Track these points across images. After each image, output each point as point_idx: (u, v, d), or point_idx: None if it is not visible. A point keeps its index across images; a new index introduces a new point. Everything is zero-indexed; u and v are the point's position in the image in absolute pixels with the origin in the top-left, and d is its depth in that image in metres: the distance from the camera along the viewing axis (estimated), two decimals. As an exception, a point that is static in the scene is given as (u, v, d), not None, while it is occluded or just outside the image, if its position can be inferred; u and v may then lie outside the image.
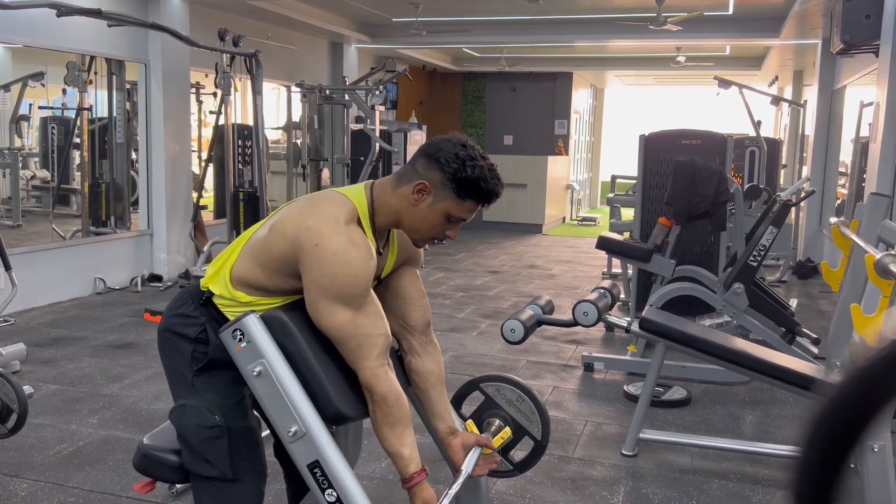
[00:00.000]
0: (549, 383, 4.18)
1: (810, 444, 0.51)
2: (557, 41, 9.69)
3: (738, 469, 3.11)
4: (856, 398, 0.50)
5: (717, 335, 3.16)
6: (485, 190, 1.64)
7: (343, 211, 1.63)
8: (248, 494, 1.70)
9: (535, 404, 1.99)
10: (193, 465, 1.70)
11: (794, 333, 4.16)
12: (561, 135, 12.94)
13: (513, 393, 2.00)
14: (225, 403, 1.67)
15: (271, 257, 1.63)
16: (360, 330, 1.59)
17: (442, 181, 1.63)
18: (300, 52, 8.71)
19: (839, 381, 0.50)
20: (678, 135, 5.29)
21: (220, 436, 1.66)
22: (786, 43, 8.64)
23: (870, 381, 0.49)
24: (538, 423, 1.99)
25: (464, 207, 1.66)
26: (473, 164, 1.62)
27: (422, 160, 1.66)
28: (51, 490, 2.78)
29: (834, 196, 8.03)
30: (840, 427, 0.50)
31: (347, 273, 1.56)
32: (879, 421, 0.49)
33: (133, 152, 6.81)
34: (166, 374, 1.78)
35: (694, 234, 5.03)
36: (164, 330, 1.76)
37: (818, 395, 0.51)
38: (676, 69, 11.20)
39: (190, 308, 1.72)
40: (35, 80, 6.35)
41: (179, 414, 1.71)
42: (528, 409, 1.99)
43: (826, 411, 0.51)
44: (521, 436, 2.01)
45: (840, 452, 0.50)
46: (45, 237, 6.38)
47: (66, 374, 4.10)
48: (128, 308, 5.63)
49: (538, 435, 2.00)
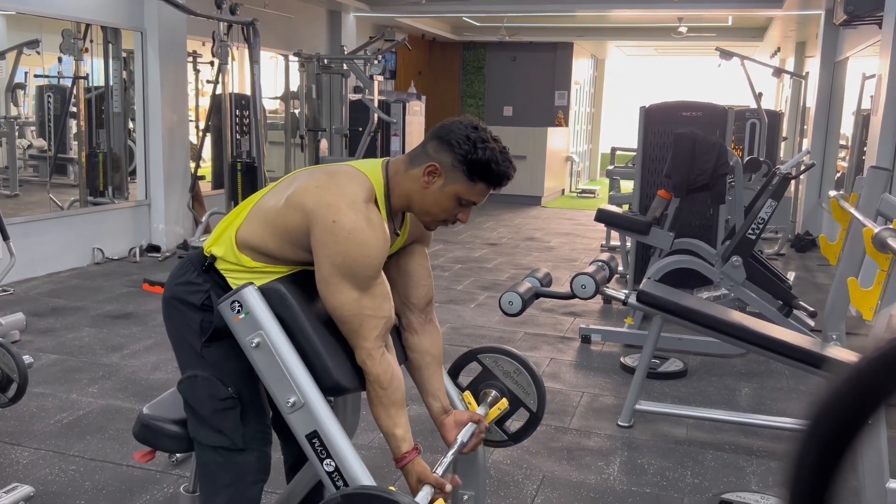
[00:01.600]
0: (546, 355, 4.20)
1: (804, 448, 0.51)
2: (558, 10, 9.60)
3: (733, 440, 3.14)
4: (850, 401, 0.50)
5: (715, 308, 3.17)
6: (496, 172, 1.63)
7: (362, 189, 1.61)
8: (255, 462, 1.72)
9: (532, 377, 2.01)
10: (201, 434, 1.70)
11: (790, 306, 4.18)
12: (561, 106, 12.86)
13: (510, 365, 2.01)
14: (237, 374, 1.67)
15: (286, 227, 1.62)
16: (364, 311, 1.58)
17: (453, 163, 1.62)
18: (298, 21, 8.62)
19: (833, 383, 0.50)
20: (679, 107, 5.27)
21: (232, 407, 1.66)
22: (789, 14, 8.55)
23: (864, 384, 0.49)
24: (534, 396, 2.01)
25: (475, 190, 1.64)
26: (485, 147, 1.61)
27: (433, 142, 1.65)
28: (52, 458, 2.80)
29: (834, 169, 8.01)
30: (833, 430, 0.50)
31: (361, 253, 1.55)
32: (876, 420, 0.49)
33: (130, 122, 6.76)
34: (172, 342, 1.77)
35: (693, 206, 5.02)
36: (170, 298, 1.74)
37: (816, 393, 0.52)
38: (678, 40, 11.10)
39: (193, 275, 1.71)
40: (30, 47, 6.28)
41: (190, 384, 1.70)
42: (525, 382, 2.01)
43: (820, 414, 0.51)
44: (516, 407, 2.02)
45: (835, 455, 0.50)
46: (42, 207, 6.36)
47: (65, 344, 4.11)
48: (126, 278, 5.63)
49: (534, 407, 2.01)
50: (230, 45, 6.54)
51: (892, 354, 0.48)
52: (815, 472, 0.51)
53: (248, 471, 1.71)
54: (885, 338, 0.48)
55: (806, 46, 10.78)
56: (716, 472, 2.87)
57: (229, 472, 1.71)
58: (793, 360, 2.78)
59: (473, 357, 2.05)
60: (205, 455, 1.72)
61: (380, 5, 9.34)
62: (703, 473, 2.85)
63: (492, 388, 2.01)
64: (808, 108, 8.83)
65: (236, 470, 1.70)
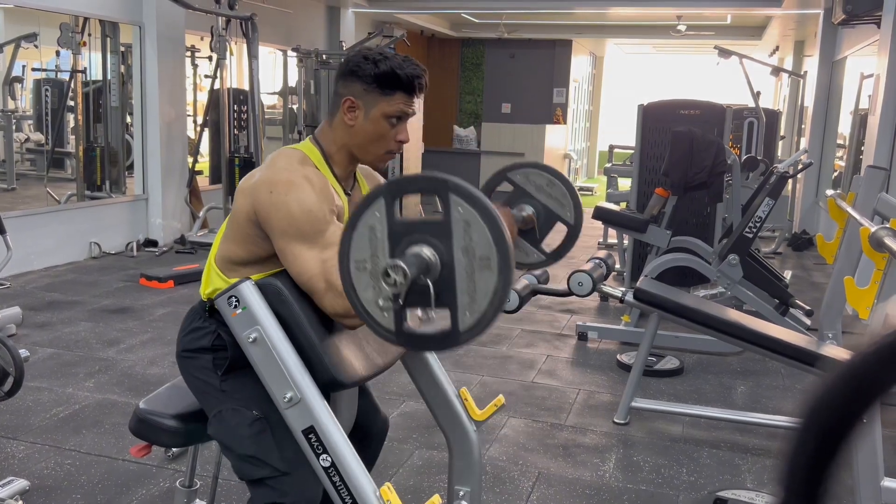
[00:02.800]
0: (543, 352, 4.20)
1: (799, 442, 0.51)
2: (557, 7, 9.59)
3: (728, 438, 3.15)
4: (846, 395, 0.50)
5: (711, 306, 3.18)
6: (405, 75, 1.62)
7: (293, 158, 1.64)
8: (307, 486, 1.63)
9: (567, 187, 1.87)
10: (245, 470, 1.64)
11: (787, 305, 4.19)
12: (559, 103, 12.85)
13: (541, 178, 1.88)
14: (261, 397, 1.62)
15: (239, 224, 1.62)
16: (325, 265, 1.56)
17: (364, 88, 1.63)
18: (297, 16, 8.60)
19: (829, 377, 0.50)
20: (677, 105, 5.27)
21: (262, 430, 1.62)
22: (787, 12, 8.55)
23: (860, 378, 0.49)
24: (570, 207, 1.87)
25: (395, 101, 1.64)
26: (384, 58, 1.62)
27: (340, 81, 1.67)
28: (48, 452, 2.80)
29: (831, 168, 8.02)
30: (829, 425, 0.51)
31: (302, 209, 1.55)
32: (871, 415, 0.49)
33: (128, 116, 6.75)
34: (196, 396, 1.74)
35: (690, 204, 5.03)
36: (180, 353, 1.74)
37: (811, 388, 0.52)
38: (677, 38, 11.10)
39: (199, 321, 1.71)
40: (28, 41, 6.26)
41: (218, 422, 1.66)
42: (560, 194, 1.87)
43: (815, 408, 0.51)
44: (552, 221, 1.89)
45: (829, 450, 0.50)
46: (39, 201, 6.35)
47: (61, 338, 4.11)
48: (123, 273, 5.63)
49: (570, 219, 1.88)
50: (228, 39, 6.54)
51: (888, 350, 0.48)
52: (810, 467, 0.51)
53: (298, 498, 1.62)
54: (881, 333, 0.49)
55: (804, 45, 10.79)
56: (711, 469, 2.87)
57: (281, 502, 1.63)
58: (789, 359, 2.78)
59: (504, 176, 1.91)
60: (255, 494, 1.66)
61: (379, 1, 9.33)
62: (699, 471, 2.86)
63: (526, 205, 1.87)
64: (806, 107, 8.84)
65: (283, 500, 1.62)
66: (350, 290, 1.33)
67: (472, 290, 1.25)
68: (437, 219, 1.26)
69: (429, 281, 1.26)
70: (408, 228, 1.28)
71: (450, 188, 1.25)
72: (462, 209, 1.24)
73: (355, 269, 1.32)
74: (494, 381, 3.73)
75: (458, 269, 1.26)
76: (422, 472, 2.74)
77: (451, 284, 1.26)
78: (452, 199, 1.25)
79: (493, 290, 1.24)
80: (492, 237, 1.23)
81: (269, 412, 1.63)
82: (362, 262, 1.31)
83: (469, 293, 1.26)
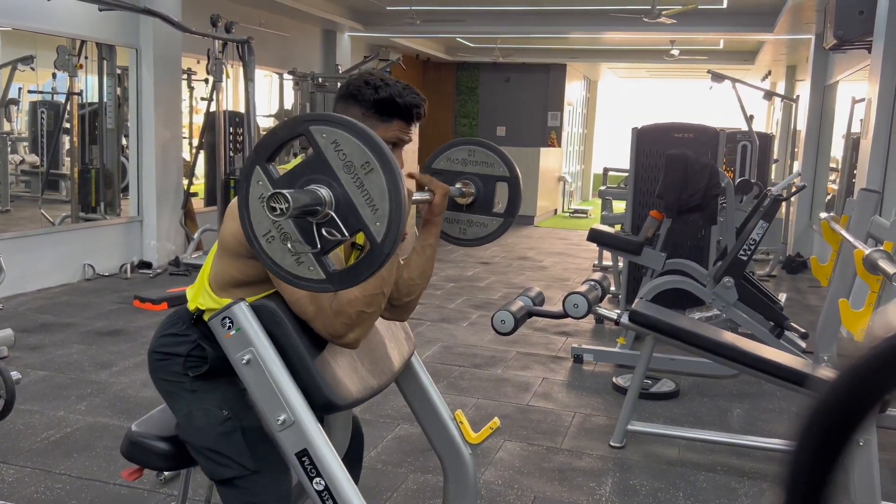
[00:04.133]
0: (538, 374, 4.19)
1: (801, 445, 0.51)
2: (552, 32, 9.68)
3: (725, 461, 3.13)
4: (847, 397, 0.50)
5: (706, 328, 3.17)
6: (403, 104, 1.62)
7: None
8: (276, 485, 1.62)
9: (486, 147, 1.90)
10: (215, 471, 1.63)
11: (782, 327, 4.18)
12: (554, 126, 12.94)
13: (460, 153, 1.91)
14: (231, 399, 1.63)
15: (229, 245, 1.61)
16: None
17: (362, 112, 1.63)
18: (293, 40, 8.66)
19: (830, 381, 0.50)
20: (671, 128, 5.30)
21: (232, 430, 1.62)
22: (779, 38, 8.65)
23: (861, 381, 0.49)
24: (499, 163, 1.89)
25: (392, 128, 1.64)
26: (384, 85, 1.62)
27: (339, 103, 1.67)
28: (38, 476, 2.77)
29: (824, 191, 8.06)
30: (831, 427, 0.50)
31: None
32: (870, 419, 0.49)
33: (123, 138, 6.76)
34: (164, 397, 1.73)
35: (685, 227, 5.04)
36: (152, 352, 1.72)
37: (810, 395, 0.51)
38: (670, 62, 11.21)
39: (181, 327, 1.70)
40: (24, 63, 6.28)
41: (186, 422, 1.66)
42: (483, 157, 1.89)
43: (817, 411, 0.51)
44: (492, 184, 1.90)
45: (831, 452, 0.50)
46: (33, 222, 6.33)
47: (54, 361, 4.08)
48: (117, 295, 5.60)
49: (505, 172, 1.89)
50: (225, 62, 6.57)
51: (888, 353, 0.48)
52: (811, 471, 0.51)
53: (269, 497, 1.62)
54: (880, 337, 0.49)
55: (796, 70, 10.90)
56: (708, 493, 2.85)
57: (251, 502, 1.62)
58: (784, 382, 2.78)
59: (430, 170, 1.94)
60: (226, 496, 1.65)
61: (374, 25, 9.40)
62: (696, 495, 2.84)
63: (459, 182, 1.90)
64: (798, 130, 8.91)
65: (255, 499, 1.61)
66: (272, 265, 1.36)
67: (370, 199, 1.29)
68: (311, 155, 1.32)
69: (330, 212, 1.29)
70: (291, 178, 1.32)
71: (306, 121, 1.32)
72: (325, 133, 1.30)
73: (266, 243, 1.35)
74: (489, 403, 3.71)
75: (349, 188, 1.29)
76: (417, 496, 2.72)
77: (352, 206, 1.29)
78: (314, 130, 1.30)
79: (385, 187, 1.28)
80: (359, 140, 1.28)
81: (240, 411, 1.63)
82: (267, 233, 1.35)
83: (369, 204, 1.29)
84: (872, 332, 0.50)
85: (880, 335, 0.48)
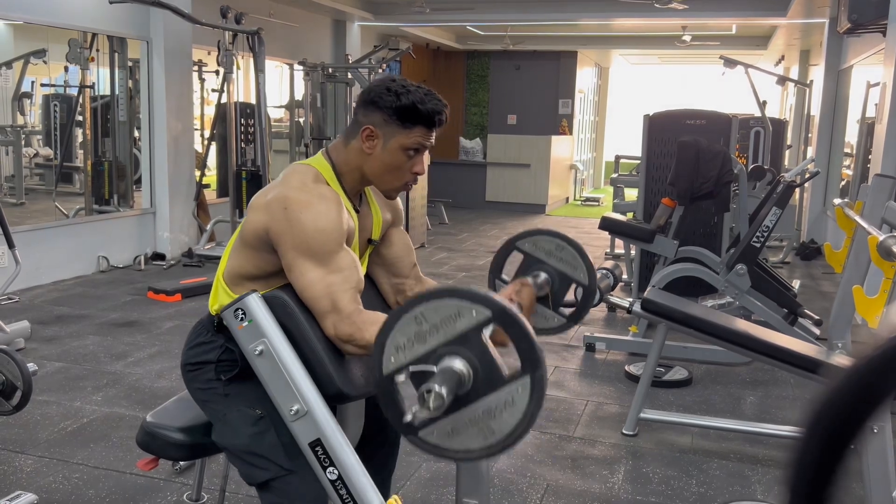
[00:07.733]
0: (550, 363, 4.19)
1: (807, 441, 0.51)
2: (562, 19, 9.62)
3: (738, 449, 3.13)
4: (859, 389, 0.50)
5: (719, 316, 3.16)
6: (425, 111, 1.63)
7: (308, 176, 1.64)
8: (312, 488, 1.60)
9: (576, 249, 1.90)
10: (251, 474, 1.64)
11: (796, 315, 4.16)
12: (565, 114, 12.87)
13: (550, 243, 1.90)
14: (263, 397, 1.62)
15: (252, 237, 1.62)
16: (332, 287, 1.57)
17: (384, 119, 1.63)
18: (303, 30, 8.65)
19: (843, 371, 0.50)
20: (683, 115, 5.27)
21: (266, 429, 1.63)
22: (793, 22, 8.56)
23: (874, 373, 0.49)
24: (582, 268, 1.89)
25: (414, 135, 1.65)
26: (406, 91, 1.63)
27: (360, 109, 1.67)
28: (55, 466, 2.80)
29: (838, 177, 7.99)
30: (838, 425, 0.50)
31: (315, 228, 1.56)
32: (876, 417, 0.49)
33: (135, 130, 6.79)
34: (201, 406, 1.74)
35: (697, 214, 5.01)
36: (184, 365, 1.74)
37: (818, 391, 0.51)
38: (682, 48, 11.11)
39: (207, 335, 1.71)
40: (37, 57, 6.31)
41: (221, 427, 1.67)
42: (570, 256, 1.90)
43: (824, 408, 0.51)
44: (567, 284, 1.91)
45: (837, 450, 0.50)
46: (48, 215, 6.38)
47: (69, 352, 4.12)
48: (131, 286, 5.64)
49: (584, 279, 1.89)
50: (235, 54, 6.58)
51: (894, 352, 0.48)
52: (816, 470, 0.51)
53: (305, 500, 1.62)
54: (887, 335, 0.48)
55: (810, 55, 10.79)
56: (721, 481, 2.85)
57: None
58: (798, 369, 2.76)
59: (512, 247, 1.94)
60: (264, 501, 1.66)
61: (384, 14, 9.38)
62: (709, 482, 2.84)
63: (539, 272, 1.89)
64: (812, 116, 8.83)
65: (291, 503, 1.61)
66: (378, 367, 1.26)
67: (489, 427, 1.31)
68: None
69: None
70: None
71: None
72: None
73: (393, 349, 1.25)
74: (502, 392, 3.72)
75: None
76: (429, 485, 2.73)
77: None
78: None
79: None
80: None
81: (273, 411, 1.63)
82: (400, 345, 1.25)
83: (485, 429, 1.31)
84: (888, 322, 0.50)
85: (886, 333, 0.48)
